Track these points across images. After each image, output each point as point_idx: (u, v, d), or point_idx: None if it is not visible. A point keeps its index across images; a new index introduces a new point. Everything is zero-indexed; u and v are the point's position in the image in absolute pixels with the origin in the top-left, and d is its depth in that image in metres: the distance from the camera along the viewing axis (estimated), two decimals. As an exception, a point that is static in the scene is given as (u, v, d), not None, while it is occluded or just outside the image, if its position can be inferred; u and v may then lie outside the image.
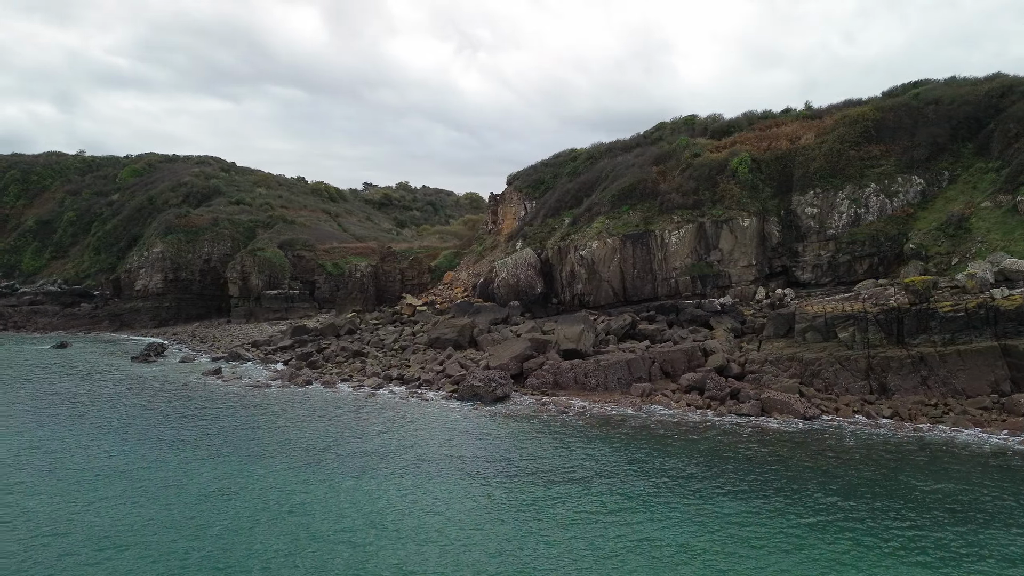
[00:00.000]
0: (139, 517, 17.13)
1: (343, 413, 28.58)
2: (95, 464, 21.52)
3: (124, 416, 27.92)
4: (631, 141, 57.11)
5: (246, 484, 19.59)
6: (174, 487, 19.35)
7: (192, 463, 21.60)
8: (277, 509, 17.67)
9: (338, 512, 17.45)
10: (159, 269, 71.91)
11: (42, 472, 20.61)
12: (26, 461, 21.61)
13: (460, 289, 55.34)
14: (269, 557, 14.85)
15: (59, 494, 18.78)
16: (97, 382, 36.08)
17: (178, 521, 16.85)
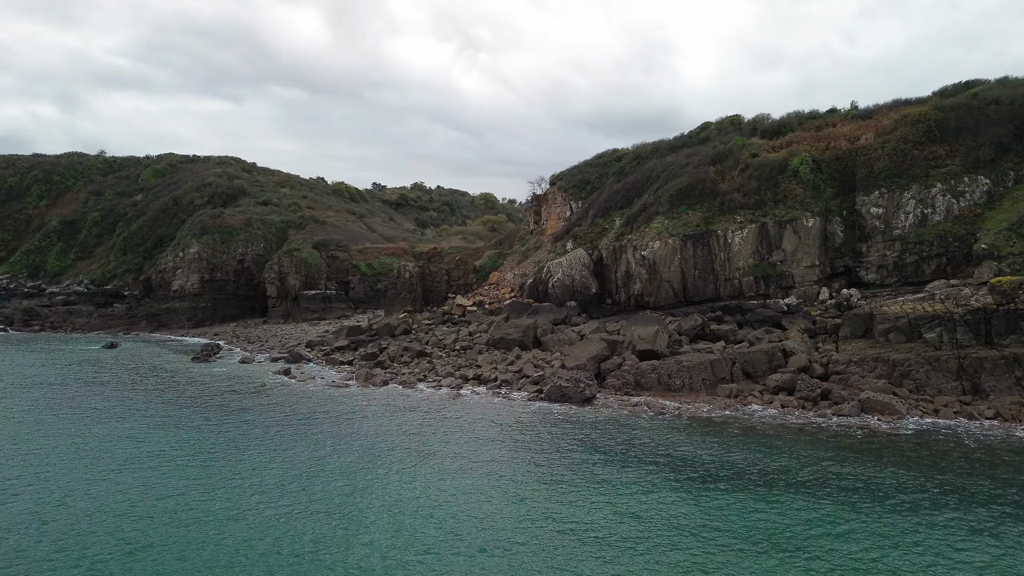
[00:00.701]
0: (324, 526, 16.96)
1: (446, 415, 28.34)
2: (245, 476, 20.66)
3: (231, 421, 27.43)
4: (676, 141, 57.09)
5: (407, 495, 18.72)
6: (339, 498, 18.62)
7: (335, 469, 21.11)
8: (480, 526, 16.68)
9: (535, 525, 16.66)
10: (195, 269, 71.93)
11: (205, 488, 19.66)
12: (174, 472, 20.96)
13: (507, 290, 55.31)
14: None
15: (231, 512, 17.84)
16: (176, 384, 35.89)
17: (384, 539, 16.10)
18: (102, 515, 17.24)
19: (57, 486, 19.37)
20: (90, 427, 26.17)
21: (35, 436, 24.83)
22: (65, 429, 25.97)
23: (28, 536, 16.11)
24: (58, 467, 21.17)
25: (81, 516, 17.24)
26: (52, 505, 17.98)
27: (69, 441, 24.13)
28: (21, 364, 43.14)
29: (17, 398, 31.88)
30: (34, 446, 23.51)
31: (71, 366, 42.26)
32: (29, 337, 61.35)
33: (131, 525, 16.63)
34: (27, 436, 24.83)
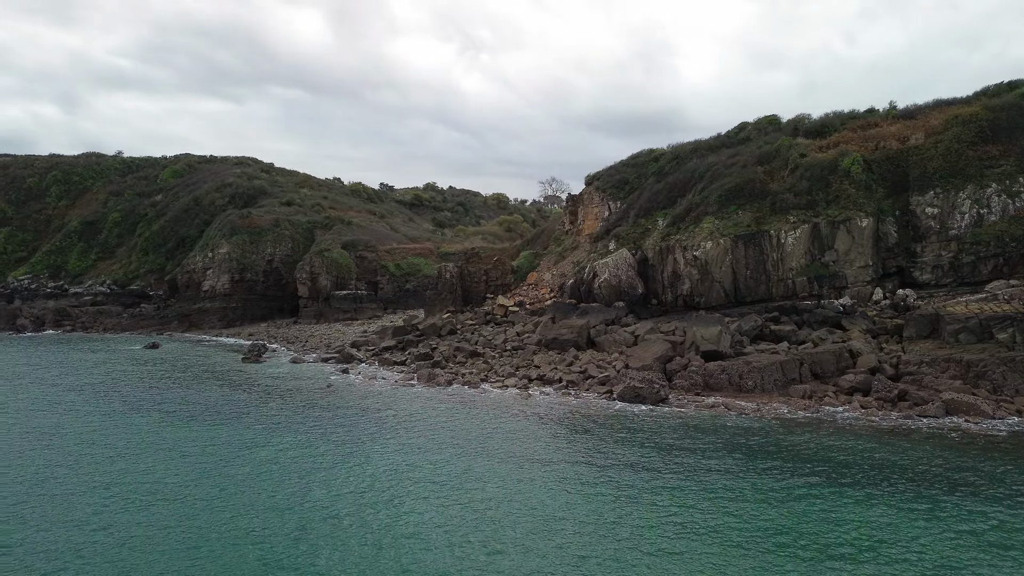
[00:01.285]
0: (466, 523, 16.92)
1: (527, 415, 28.17)
2: (366, 479, 20.40)
3: (323, 421, 27.25)
4: (714, 141, 57.05)
5: (540, 501, 18.18)
6: (480, 506, 18.46)
7: (453, 473, 20.92)
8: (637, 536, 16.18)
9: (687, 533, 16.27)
10: (226, 270, 71.88)
11: (329, 488, 19.50)
12: (301, 475, 20.71)
13: (546, 290, 55.30)
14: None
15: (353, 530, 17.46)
16: (243, 384, 35.72)
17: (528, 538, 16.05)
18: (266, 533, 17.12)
19: (198, 493, 19.33)
20: (186, 429, 26.15)
21: (137, 437, 24.89)
22: (163, 430, 26.06)
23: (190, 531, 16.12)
24: (179, 469, 21.20)
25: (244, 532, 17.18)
26: (204, 512, 17.98)
27: (174, 443, 24.17)
28: (76, 364, 42.96)
29: (97, 399, 31.71)
30: (141, 448, 23.51)
31: (128, 366, 42.12)
32: (64, 337, 61.27)
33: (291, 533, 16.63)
34: (127, 436, 24.89)
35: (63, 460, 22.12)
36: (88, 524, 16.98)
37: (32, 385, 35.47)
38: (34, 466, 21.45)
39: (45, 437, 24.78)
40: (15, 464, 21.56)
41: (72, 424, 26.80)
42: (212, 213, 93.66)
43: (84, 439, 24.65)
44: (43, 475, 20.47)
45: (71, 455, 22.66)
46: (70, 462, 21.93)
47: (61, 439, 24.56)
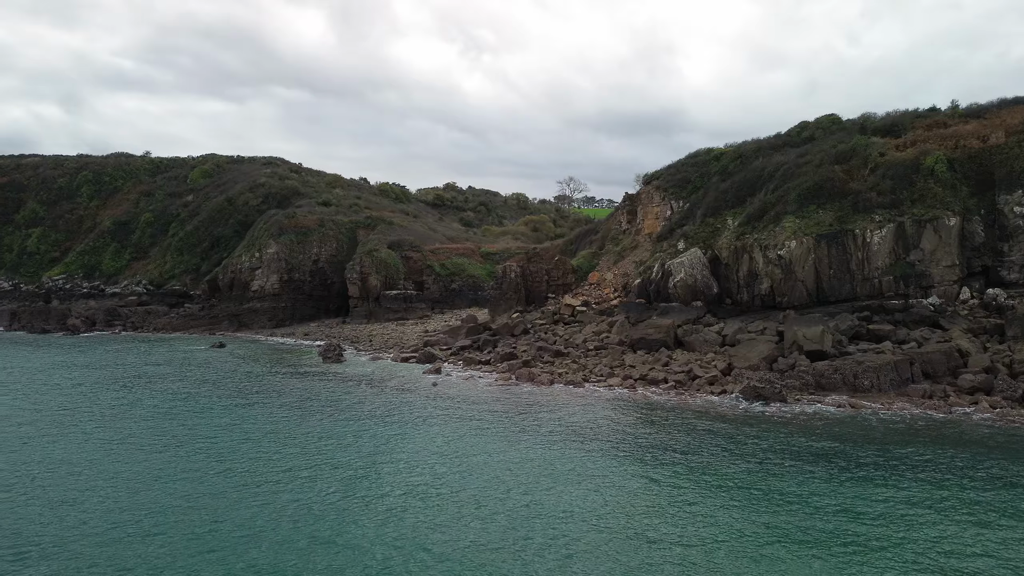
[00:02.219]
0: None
1: (654, 417, 28.03)
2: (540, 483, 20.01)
3: (456, 422, 27.10)
4: (776, 140, 56.95)
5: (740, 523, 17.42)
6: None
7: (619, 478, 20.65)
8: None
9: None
10: (275, 270, 71.78)
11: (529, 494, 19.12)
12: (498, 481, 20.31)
13: (609, 290, 55.18)
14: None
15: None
16: (347, 384, 35.63)
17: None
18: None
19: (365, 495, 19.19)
20: (315, 430, 26.01)
21: (302, 440, 24.76)
22: (338, 430, 25.97)
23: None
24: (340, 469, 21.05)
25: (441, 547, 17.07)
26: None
27: (318, 444, 24.01)
28: (165, 365, 42.55)
29: (215, 401, 31.53)
30: (324, 449, 23.38)
31: (222, 367, 41.90)
32: (121, 337, 61.06)
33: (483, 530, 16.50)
34: (273, 440, 24.75)
35: (251, 476, 21.33)
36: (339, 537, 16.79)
37: (144, 389, 34.97)
38: (232, 477, 20.87)
39: (206, 443, 24.32)
40: (188, 477, 21.09)
41: (229, 434, 25.83)
42: (246, 213, 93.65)
43: (261, 444, 24.14)
44: (235, 486, 20.26)
45: (256, 464, 22.23)
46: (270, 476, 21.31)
47: (229, 452, 23.62)
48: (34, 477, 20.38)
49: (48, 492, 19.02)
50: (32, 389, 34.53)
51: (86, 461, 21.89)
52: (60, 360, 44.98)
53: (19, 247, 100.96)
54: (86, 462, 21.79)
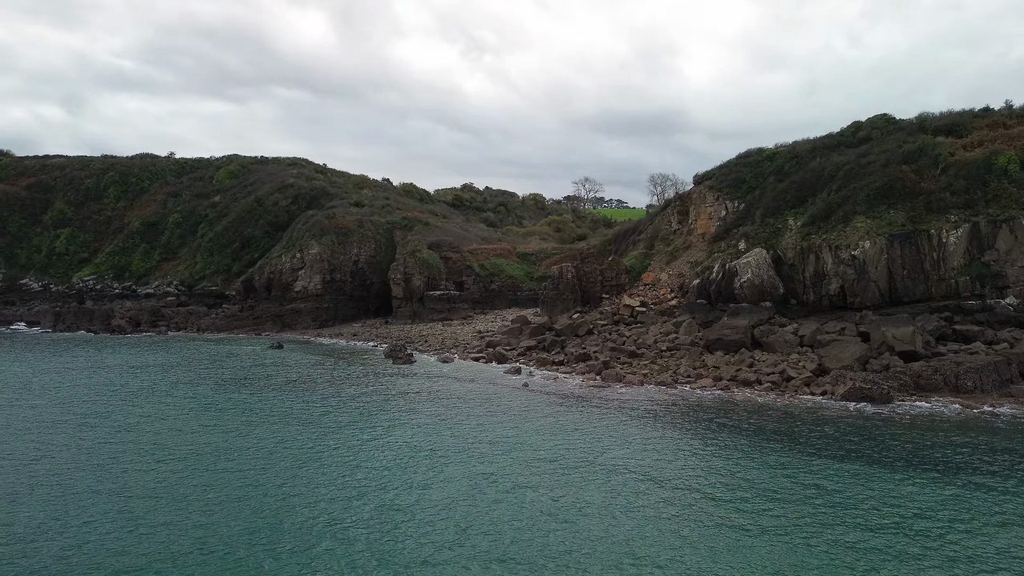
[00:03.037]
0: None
1: (805, 421, 27.65)
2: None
3: (570, 428, 26.68)
4: (829, 140, 56.70)
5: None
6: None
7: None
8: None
9: None
10: (318, 271, 71.62)
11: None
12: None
13: (665, 290, 55.01)
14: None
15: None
16: (434, 385, 35.32)
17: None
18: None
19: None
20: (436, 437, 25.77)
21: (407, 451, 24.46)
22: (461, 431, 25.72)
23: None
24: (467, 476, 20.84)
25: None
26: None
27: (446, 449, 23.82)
28: (237, 367, 42.04)
29: (338, 409, 30.82)
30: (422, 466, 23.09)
31: (297, 368, 41.45)
32: (172, 338, 60.71)
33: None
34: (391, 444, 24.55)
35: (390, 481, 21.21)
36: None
37: (252, 393, 34.16)
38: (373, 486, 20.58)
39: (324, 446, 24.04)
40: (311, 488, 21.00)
41: (340, 440, 25.13)
42: (276, 214, 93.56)
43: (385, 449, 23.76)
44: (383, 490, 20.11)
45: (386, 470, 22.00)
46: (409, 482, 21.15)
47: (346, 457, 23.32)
48: (242, 497, 19.66)
49: (243, 507, 18.64)
50: (146, 393, 33.56)
51: (284, 478, 20.94)
52: (137, 361, 44.35)
53: (47, 248, 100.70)
54: (284, 479, 20.86)
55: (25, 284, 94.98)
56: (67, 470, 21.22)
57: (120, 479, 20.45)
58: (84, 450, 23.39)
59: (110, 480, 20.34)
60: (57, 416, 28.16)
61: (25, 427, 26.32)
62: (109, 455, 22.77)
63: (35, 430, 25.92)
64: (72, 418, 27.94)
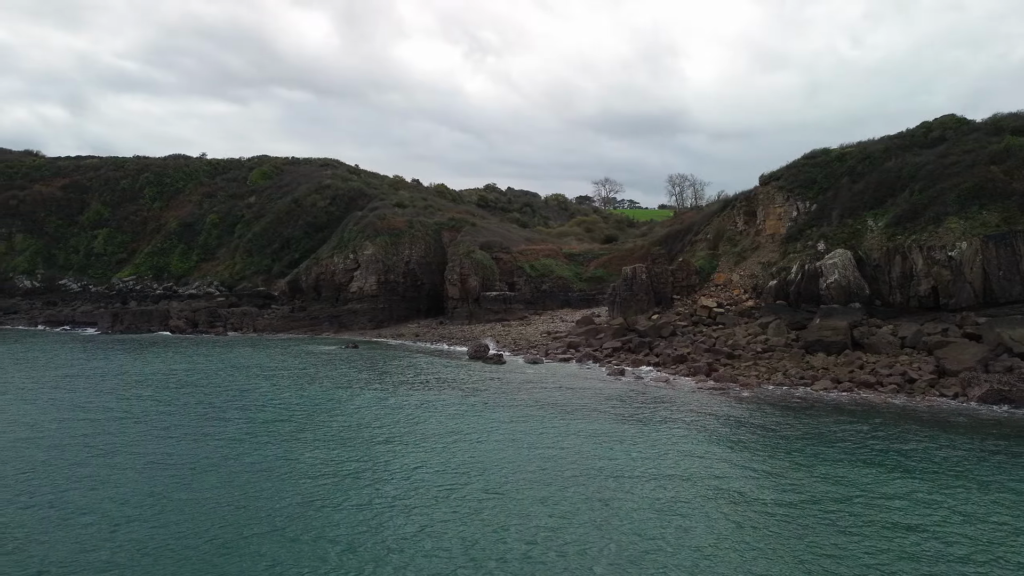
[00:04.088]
0: None
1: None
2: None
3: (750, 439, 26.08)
4: (900, 140, 56.41)
5: None
6: None
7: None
8: None
9: None
10: (373, 271, 71.37)
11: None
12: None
13: (738, 291, 54.72)
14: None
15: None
16: (549, 390, 34.80)
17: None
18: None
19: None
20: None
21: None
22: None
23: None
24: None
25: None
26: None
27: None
28: (334, 370, 41.62)
29: (477, 410, 30.43)
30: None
31: (401, 372, 40.92)
32: (236, 339, 60.42)
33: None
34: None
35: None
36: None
37: (371, 393, 33.62)
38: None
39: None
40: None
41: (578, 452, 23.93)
42: (314, 215, 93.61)
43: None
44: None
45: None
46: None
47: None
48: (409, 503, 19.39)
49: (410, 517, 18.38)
50: (279, 399, 32.91)
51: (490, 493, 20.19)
52: (254, 362, 43.90)
53: (85, 248, 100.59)
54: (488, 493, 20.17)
55: (64, 285, 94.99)
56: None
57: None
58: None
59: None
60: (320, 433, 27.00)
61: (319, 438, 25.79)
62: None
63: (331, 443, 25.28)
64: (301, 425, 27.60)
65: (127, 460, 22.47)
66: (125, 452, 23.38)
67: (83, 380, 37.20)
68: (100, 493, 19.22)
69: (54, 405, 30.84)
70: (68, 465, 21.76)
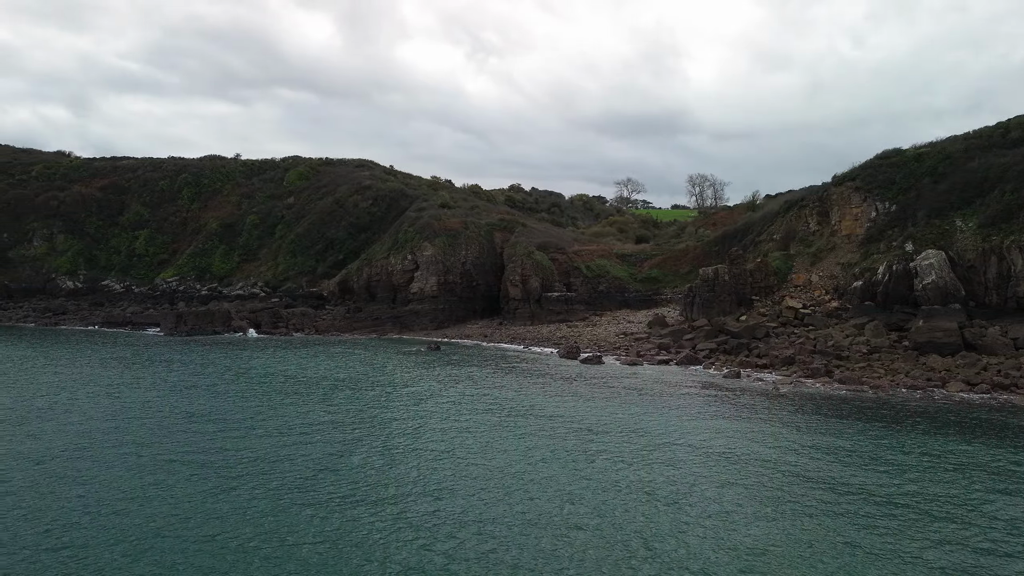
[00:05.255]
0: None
1: None
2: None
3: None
4: (978, 140, 56.13)
5: None
6: None
7: None
8: None
9: None
10: (433, 272, 70.99)
11: None
12: None
13: (819, 291, 54.33)
14: None
15: None
16: (666, 392, 34.24)
17: None
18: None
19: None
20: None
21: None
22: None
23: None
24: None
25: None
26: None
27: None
28: (450, 374, 41.10)
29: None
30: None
31: (490, 372, 40.53)
32: (310, 340, 59.79)
33: None
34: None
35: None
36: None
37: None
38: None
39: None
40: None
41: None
42: (356, 215, 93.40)
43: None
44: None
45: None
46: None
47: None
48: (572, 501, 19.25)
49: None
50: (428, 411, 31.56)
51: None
52: (353, 362, 43.63)
53: (126, 249, 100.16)
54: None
55: (107, 285, 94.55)
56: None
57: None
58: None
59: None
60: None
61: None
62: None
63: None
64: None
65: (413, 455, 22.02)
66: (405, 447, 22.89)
67: (246, 383, 35.90)
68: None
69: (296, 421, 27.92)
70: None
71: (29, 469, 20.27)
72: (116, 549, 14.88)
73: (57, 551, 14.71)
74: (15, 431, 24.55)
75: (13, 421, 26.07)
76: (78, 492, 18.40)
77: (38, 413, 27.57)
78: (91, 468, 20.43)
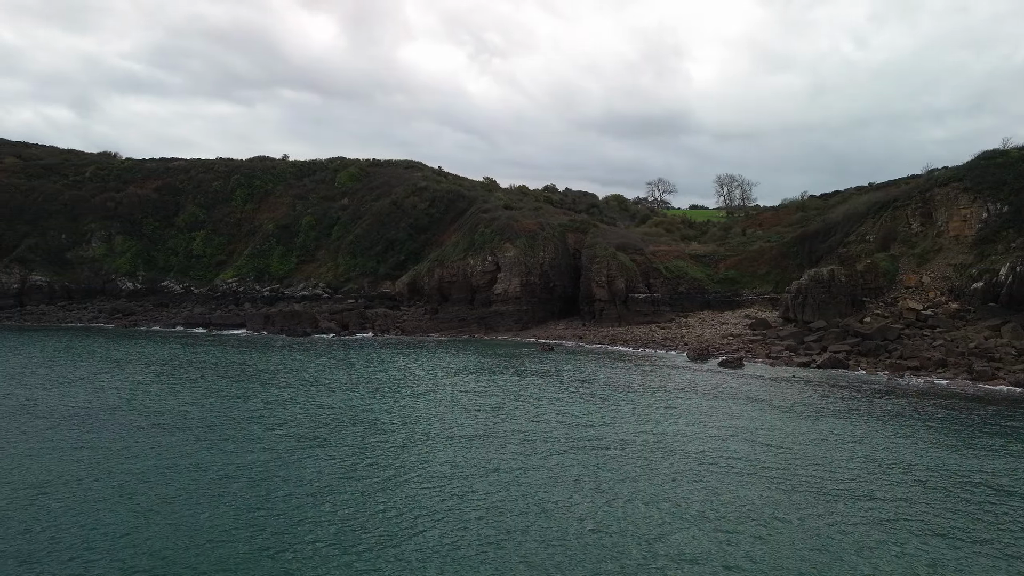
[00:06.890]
0: None
1: None
2: None
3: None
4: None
5: None
6: None
7: None
8: None
9: None
10: (516, 273, 70.26)
11: None
12: None
13: (933, 292, 53.62)
14: None
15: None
16: (833, 399, 33.69)
17: None
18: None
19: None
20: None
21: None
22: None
23: None
24: None
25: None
26: None
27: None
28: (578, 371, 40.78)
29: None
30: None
31: (635, 374, 39.94)
32: (406, 342, 59.22)
33: None
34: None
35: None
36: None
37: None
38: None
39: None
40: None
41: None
42: (415, 216, 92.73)
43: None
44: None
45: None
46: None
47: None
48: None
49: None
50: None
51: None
52: (490, 364, 43.24)
53: (184, 250, 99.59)
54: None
55: (166, 286, 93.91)
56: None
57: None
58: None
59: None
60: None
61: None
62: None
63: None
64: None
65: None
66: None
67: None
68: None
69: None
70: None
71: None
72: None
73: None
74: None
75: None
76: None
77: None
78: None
